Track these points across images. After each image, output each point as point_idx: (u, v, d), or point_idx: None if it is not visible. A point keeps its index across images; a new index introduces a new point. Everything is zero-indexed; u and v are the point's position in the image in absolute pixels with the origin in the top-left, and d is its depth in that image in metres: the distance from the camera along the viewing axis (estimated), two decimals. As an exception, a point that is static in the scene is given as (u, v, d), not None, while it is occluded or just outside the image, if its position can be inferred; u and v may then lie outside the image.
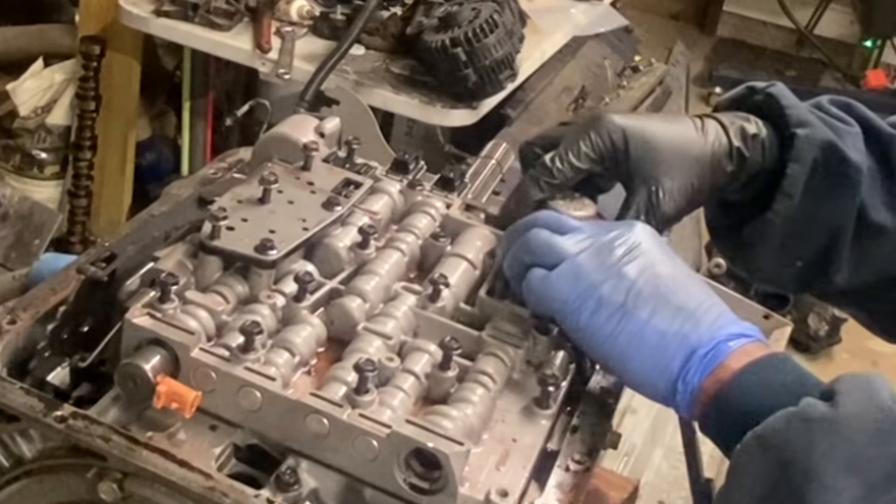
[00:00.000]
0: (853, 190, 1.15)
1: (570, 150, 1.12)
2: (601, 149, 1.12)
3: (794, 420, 0.91)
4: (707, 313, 1.01)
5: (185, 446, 0.98)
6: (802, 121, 1.15)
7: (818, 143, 1.14)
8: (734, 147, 1.13)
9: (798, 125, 1.14)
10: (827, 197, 1.14)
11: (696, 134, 1.13)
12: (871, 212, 1.16)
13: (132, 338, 1.00)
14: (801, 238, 1.15)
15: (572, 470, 1.04)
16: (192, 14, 2.50)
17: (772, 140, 1.15)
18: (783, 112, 1.15)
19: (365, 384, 0.98)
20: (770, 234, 1.15)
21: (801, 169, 1.13)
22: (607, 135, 1.12)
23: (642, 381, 1.02)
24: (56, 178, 2.90)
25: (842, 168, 1.14)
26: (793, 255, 1.16)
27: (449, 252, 1.21)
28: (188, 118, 2.92)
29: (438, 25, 2.32)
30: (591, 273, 1.02)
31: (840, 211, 1.15)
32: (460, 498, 0.95)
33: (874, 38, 5.07)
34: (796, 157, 1.13)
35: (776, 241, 1.15)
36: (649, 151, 1.11)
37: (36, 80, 2.79)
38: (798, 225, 1.15)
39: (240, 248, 1.09)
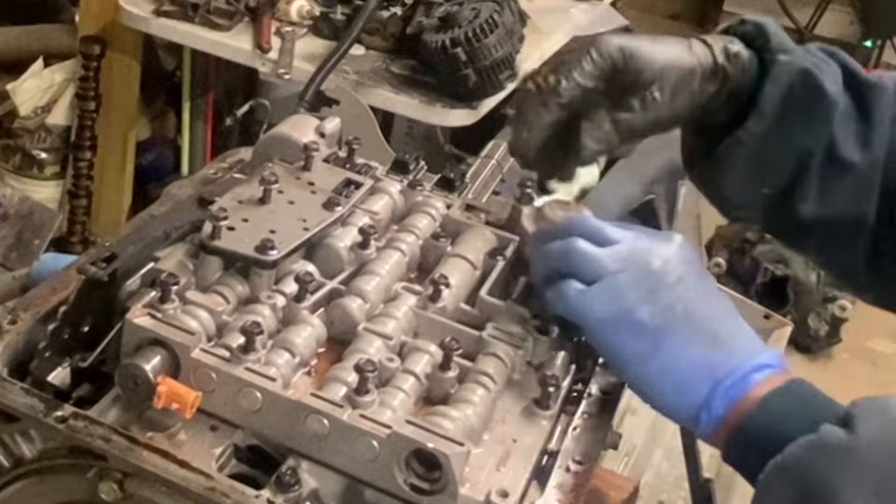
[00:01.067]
0: (825, 120, 1.17)
1: (573, 70, 1.14)
2: (602, 65, 1.14)
3: (814, 448, 0.93)
4: (737, 343, 1.03)
5: (186, 447, 0.98)
6: (785, 48, 1.18)
7: (796, 69, 1.16)
8: (718, 64, 1.16)
9: (780, 51, 1.17)
10: (799, 124, 1.17)
11: (684, 51, 1.16)
12: (841, 147, 1.18)
13: (132, 338, 1.00)
14: (769, 163, 1.18)
15: (573, 470, 1.04)
16: (192, 14, 2.50)
17: (752, 62, 1.18)
18: (768, 38, 1.18)
19: (365, 385, 0.98)
20: (740, 154, 1.17)
21: (777, 91, 1.16)
22: (607, 53, 1.14)
23: (667, 405, 1.04)
24: (56, 178, 2.90)
25: (816, 97, 1.17)
26: (761, 182, 1.18)
27: (449, 252, 1.21)
28: (188, 118, 2.92)
29: (438, 25, 2.32)
30: (629, 295, 1.03)
31: (810, 139, 1.17)
32: (461, 498, 0.95)
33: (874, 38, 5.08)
34: (773, 79, 1.16)
35: (745, 165, 1.17)
36: (645, 65, 1.14)
37: (36, 80, 2.79)
38: (768, 149, 1.17)
39: (240, 249, 1.09)
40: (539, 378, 1.08)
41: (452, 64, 2.28)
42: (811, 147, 1.18)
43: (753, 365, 1.01)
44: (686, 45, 1.17)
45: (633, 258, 1.05)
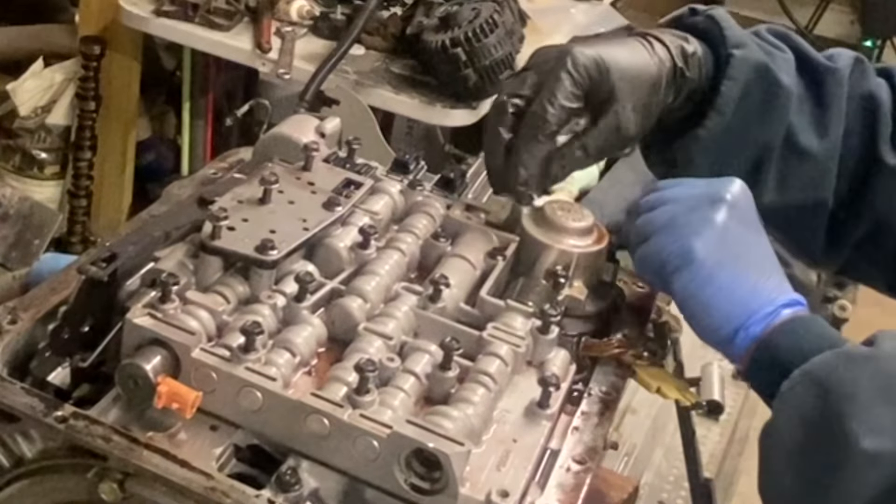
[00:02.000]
0: (782, 112, 1.20)
1: (557, 92, 1.15)
2: (581, 83, 1.15)
3: (839, 356, 1.00)
4: (774, 277, 1.10)
5: (186, 446, 0.98)
6: (739, 42, 1.19)
7: (752, 65, 1.18)
8: (677, 67, 1.18)
9: (735, 46, 1.19)
10: (757, 118, 1.19)
11: (649, 57, 1.18)
12: (798, 135, 1.21)
13: (133, 338, 1.00)
14: (728, 157, 1.20)
15: (573, 470, 1.04)
16: (192, 14, 2.50)
17: (707, 59, 1.19)
18: (722, 32, 1.20)
19: (365, 384, 0.98)
20: (699, 151, 1.19)
21: (735, 87, 1.17)
22: (584, 68, 1.15)
23: (710, 324, 1.09)
24: (56, 178, 2.90)
25: (773, 90, 1.19)
26: (720, 175, 1.19)
27: (449, 252, 1.21)
28: (188, 118, 2.91)
29: (438, 25, 2.32)
30: (685, 227, 1.09)
31: (769, 132, 1.20)
32: (461, 498, 0.95)
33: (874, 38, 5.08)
34: (731, 76, 1.17)
35: (704, 159, 1.19)
36: (618, 79, 1.16)
37: (36, 80, 2.79)
38: (727, 144, 1.19)
39: (240, 249, 1.09)
40: (539, 378, 1.08)
41: (452, 64, 2.28)
42: (770, 139, 1.20)
43: (789, 298, 1.08)
44: (647, 50, 1.18)
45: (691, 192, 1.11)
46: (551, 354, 1.13)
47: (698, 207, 1.10)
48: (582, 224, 1.18)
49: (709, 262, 1.07)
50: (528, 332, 1.12)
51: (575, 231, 1.18)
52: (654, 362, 1.18)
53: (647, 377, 1.16)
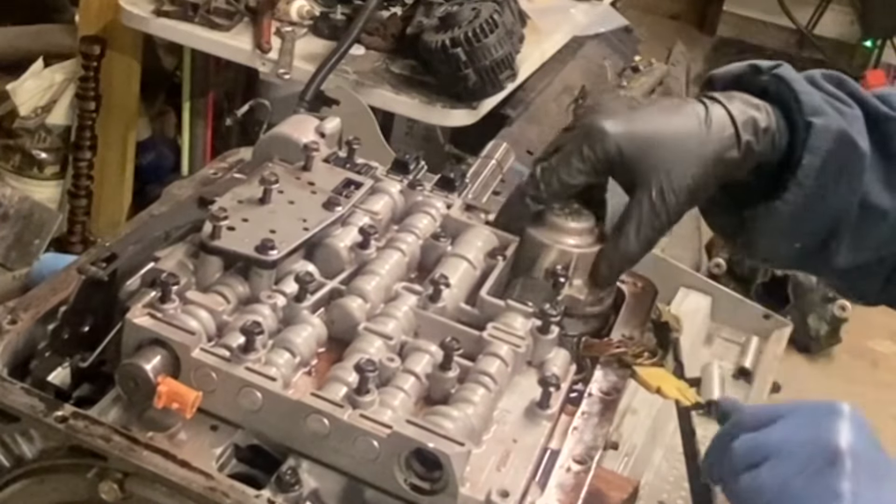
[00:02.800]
0: (858, 178, 1.13)
1: (560, 166, 1.11)
2: (594, 161, 1.10)
3: None
4: None
5: (186, 446, 0.98)
6: (816, 109, 1.12)
7: (833, 135, 1.11)
8: (742, 140, 1.10)
9: (813, 114, 1.11)
10: (834, 186, 1.12)
11: (698, 127, 1.10)
12: (871, 195, 1.14)
13: (133, 338, 1.00)
14: (804, 224, 1.14)
15: (573, 470, 1.04)
16: (192, 14, 2.50)
17: (782, 131, 1.13)
18: (797, 98, 1.12)
19: (366, 384, 0.98)
20: (774, 221, 1.13)
21: (816, 159, 1.11)
22: (601, 147, 1.09)
23: None
24: (56, 178, 2.90)
25: (852, 157, 1.12)
26: (794, 239, 1.15)
27: (449, 252, 1.21)
28: (188, 118, 2.92)
29: (438, 25, 2.32)
30: (816, 485, 0.89)
31: (845, 200, 1.13)
32: (461, 498, 0.95)
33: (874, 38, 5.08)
34: (812, 148, 1.10)
35: (779, 229, 1.14)
36: (647, 157, 1.09)
37: (36, 80, 2.79)
38: (803, 212, 1.13)
39: (240, 248, 1.09)
40: (539, 378, 1.08)
41: (452, 64, 2.28)
42: (846, 207, 1.14)
43: None
44: (702, 123, 1.10)
45: (799, 453, 0.91)
46: (551, 354, 1.13)
47: (815, 470, 0.89)
48: (582, 224, 1.18)
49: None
50: (528, 332, 1.12)
51: (575, 231, 1.18)
52: (655, 362, 1.18)
53: (647, 377, 1.16)
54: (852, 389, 3.63)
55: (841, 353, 3.73)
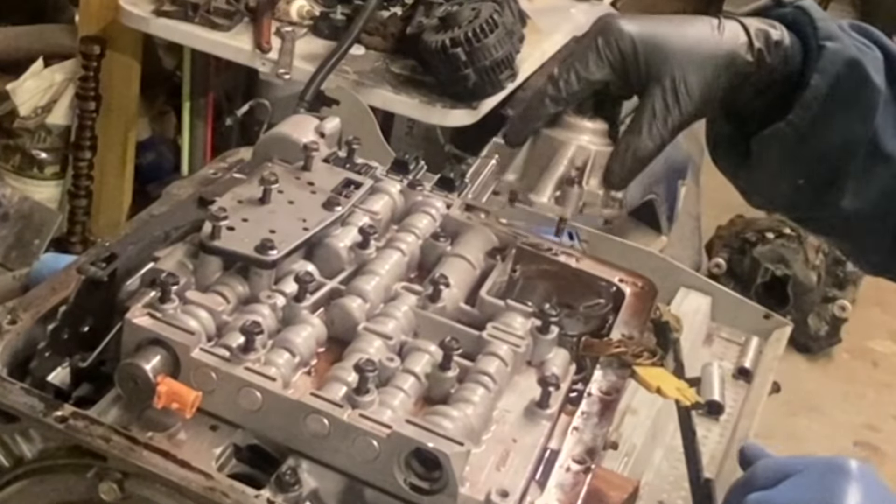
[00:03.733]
0: (870, 112, 1.12)
1: (578, 63, 1.10)
2: (610, 59, 1.10)
3: None
4: None
5: (186, 446, 0.98)
6: (831, 34, 1.12)
7: (844, 59, 1.10)
8: (755, 48, 1.10)
9: (827, 38, 1.11)
10: (842, 116, 1.11)
11: (711, 32, 1.10)
12: (883, 139, 1.13)
13: (132, 338, 1.00)
14: (809, 156, 1.12)
15: (573, 470, 1.04)
16: (192, 14, 2.50)
17: (796, 49, 1.12)
18: (814, 23, 1.12)
19: (365, 384, 0.98)
20: (779, 147, 1.11)
21: (825, 81, 1.10)
22: (615, 43, 1.09)
23: None
24: (56, 178, 2.90)
25: (862, 88, 1.11)
26: (796, 173, 1.13)
27: (449, 252, 1.21)
28: (188, 118, 2.92)
29: (438, 25, 2.32)
30: None
31: (855, 133, 1.12)
32: (461, 498, 0.95)
33: (874, 38, 5.08)
34: (822, 69, 1.10)
35: (783, 157, 1.12)
36: (660, 53, 1.09)
37: (36, 80, 2.79)
38: (809, 143, 1.11)
39: (240, 248, 1.09)
40: (539, 378, 1.08)
41: (452, 64, 2.28)
42: (855, 141, 1.12)
43: None
44: (714, 29, 1.11)
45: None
46: (551, 354, 1.13)
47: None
48: (598, 125, 1.16)
49: None
50: (527, 332, 1.12)
51: (591, 130, 1.15)
52: (655, 362, 1.18)
53: (647, 377, 1.16)
54: (852, 389, 3.64)
55: (841, 353, 3.73)
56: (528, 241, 1.26)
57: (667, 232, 2.85)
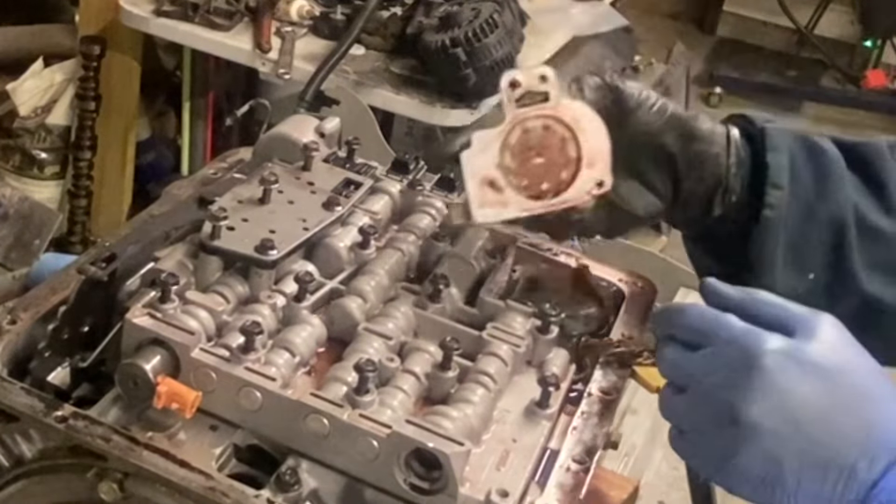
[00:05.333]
0: (839, 183, 1.12)
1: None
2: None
3: None
4: (863, 455, 0.86)
5: (186, 446, 0.98)
6: (767, 118, 1.14)
7: (789, 133, 1.12)
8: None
9: (766, 121, 1.13)
10: (815, 188, 1.11)
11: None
12: (866, 216, 1.13)
13: (132, 338, 1.00)
14: (804, 241, 1.12)
15: (572, 470, 1.04)
16: (192, 14, 2.50)
17: (745, 149, 1.12)
18: (746, 118, 1.13)
19: (365, 384, 0.98)
20: (772, 239, 1.10)
21: (781, 156, 1.10)
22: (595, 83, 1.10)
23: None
24: (56, 178, 2.90)
25: (820, 157, 1.12)
26: (803, 268, 1.12)
27: (449, 252, 1.21)
28: (188, 118, 2.92)
29: (438, 25, 2.32)
30: (722, 439, 0.88)
31: (834, 206, 1.12)
32: (461, 498, 0.95)
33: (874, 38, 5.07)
34: (772, 147, 1.11)
35: (780, 252, 1.11)
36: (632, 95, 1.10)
37: (36, 80, 2.79)
38: (796, 226, 1.11)
39: (240, 248, 1.10)
40: (539, 378, 1.08)
41: (452, 64, 2.27)
42: (839, 214, 1.11)
43: (893, 486, 0.85)
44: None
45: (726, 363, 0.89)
46: (551, 354, 1.13)
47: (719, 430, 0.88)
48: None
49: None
50: (527, 332, 1.12)
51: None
52: (655, 362, 1.18)
53: (647, 377, 1.16)
54: (852, 389, 3.63)
55: (841, 353, 3.72)
56: (528, 241, 1.27)
57: (667, 232, 2.85)
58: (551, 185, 1.05)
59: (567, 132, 1.05)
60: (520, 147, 1.05)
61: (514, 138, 1.05)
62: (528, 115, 1.05)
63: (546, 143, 1.05)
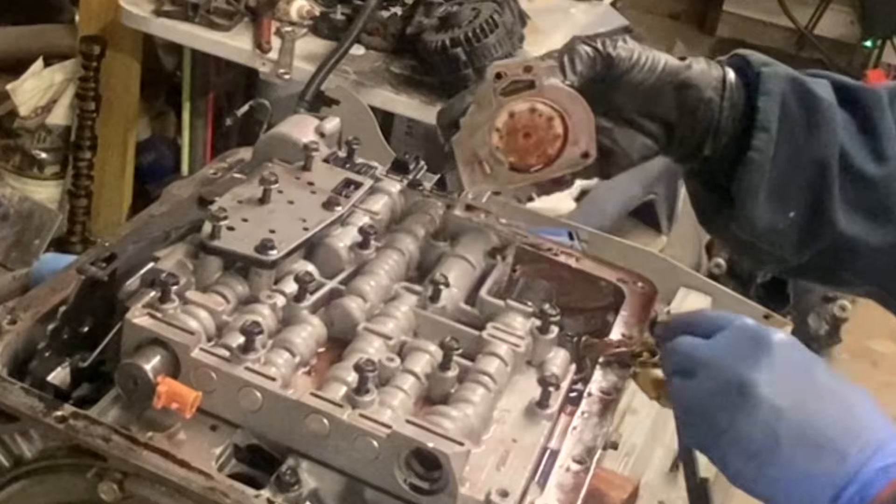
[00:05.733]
0: (829, 126, 1.14)
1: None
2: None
3: None
4: (854, 441, 0.92)
5: (186, 446, 0.98)
6: (765, 61, 1.16)
7: (783, 77, 1.14)
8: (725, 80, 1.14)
9: (762, 64, 1.15)
10: (803, 132, 1.13)
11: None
12: (853, 160, 1.14)
13: (132, 338, 1.00)
14: (787, 183, 1.14)
15: (572, 470, 1.04)
16: (192, 14, 2.50)
17: (739, 87, 1.14)
18: (746, 58, 1.16)
19: (365, 384, 0.98)
20: (756, 179, 1.12)
21: (772, 101, 1.13)
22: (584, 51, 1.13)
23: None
24: (56, 178, 2.90)
25: (812, 103, 1.14)
26: (784, 207, 1.14)
27: (449, 252, 1.21)
28: (188, 118, 2.91)
29: (438, 25, 2.32)
30: (725, 410, 0.94)
31: (820, 148, 1.13)
32: (461, 498, 0.95)
33: (874, 38, 5.07)
34: (766, 91, 1.13)
35: (764, 189, 1.13)
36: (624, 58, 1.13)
37: (36, 80, 2.79)
38: (782, 168, 1.13)
39: (240, 248, 1.09)
40: (539, 378, 1.08)
41: (452, 64, 2.27)
42: (824, 157, 1.13)
43: (876, 469, 0.91)
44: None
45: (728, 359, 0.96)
46: (551, 354, 1.13)
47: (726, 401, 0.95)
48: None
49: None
50: (527, 332, 1.12)
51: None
52: (655, 362, 1.18)
53: (647, 383, 1.16)
54: (852, 389, 3.63)
55: (841, 353, 3.73)
56: (528, 241, 1.27)
57: (667, 232, 2.85)
58: (539, 160, 1.12)
59: (552, 111, 1.10)
60: (507, 129, 1.11)
61: (501, 122, 1.11)
62: (515, 101, 1.11)
63: (532, 124, 1.11)
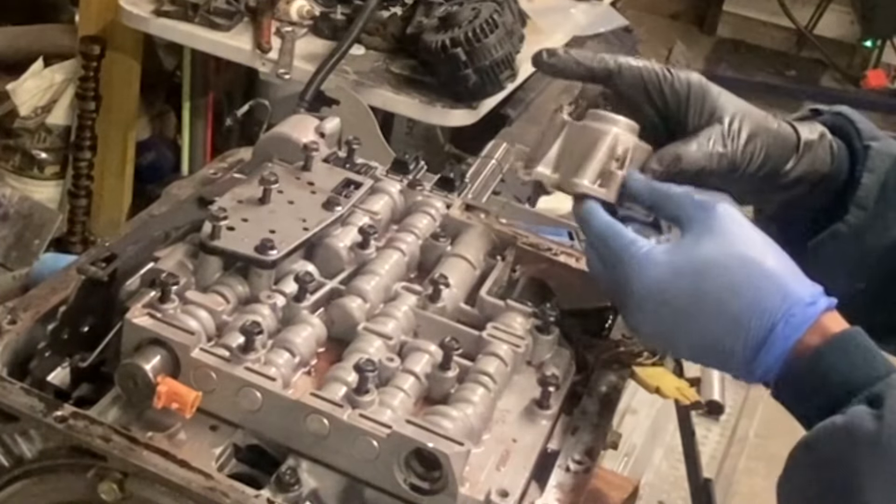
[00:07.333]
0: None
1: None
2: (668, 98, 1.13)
3: (839, 434, 0.93)
4: (735, 342, 0.99)
5: (186, 446, 0.98)
6: (875, 135, 1.15)
7: (891, 157, 1.13)
8: (801, 138, 1.13)
9: (871, 139, 1.14)
10: (894, 215, 1.13)
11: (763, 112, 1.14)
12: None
13: (132, 338, 1.00)
14: (865, 257, 1.14)
15: (572, 470, 1.04)
16: (192, 14, 2.50)
17: (842, 149, 1.14)
18: (855, 125, 1.15)
19: (365, 384, 0.98)
20: (835, 248, 1.13)
21: (875, 180, 1.13)
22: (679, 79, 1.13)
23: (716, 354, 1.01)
24: (56, 178, 2.90)
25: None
26: (854, 276, 1.14)
27: (449, 252, 1.21)
28: (188, 118, 2.92)
29: (438, 25, 2.32)
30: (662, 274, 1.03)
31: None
32: (461, 498, 0.95)
33: (874, 38, 5.08)
34: (871, 168, 1.13)
35: (839, 258, 1.13)
36: (716, 100, 1.12)
37: (36, 80, 2.79)
38: (864, 242, 1.13)
39: (240, 249, 1.09)
40: (539, 378, 1.08)
41: (452, 64, 2.27)
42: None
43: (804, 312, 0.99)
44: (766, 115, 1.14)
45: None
46: (551, 354, 1.13)
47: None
48: (629, 122, 1.14)
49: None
50: (527, 332, 1.12)
51: (624, 124, 1.14)
52: (654, 362, 1.18)
53: (646, 377, 1.16)
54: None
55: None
56: (528, 241, 1.27)
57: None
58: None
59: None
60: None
61: None
62: None
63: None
